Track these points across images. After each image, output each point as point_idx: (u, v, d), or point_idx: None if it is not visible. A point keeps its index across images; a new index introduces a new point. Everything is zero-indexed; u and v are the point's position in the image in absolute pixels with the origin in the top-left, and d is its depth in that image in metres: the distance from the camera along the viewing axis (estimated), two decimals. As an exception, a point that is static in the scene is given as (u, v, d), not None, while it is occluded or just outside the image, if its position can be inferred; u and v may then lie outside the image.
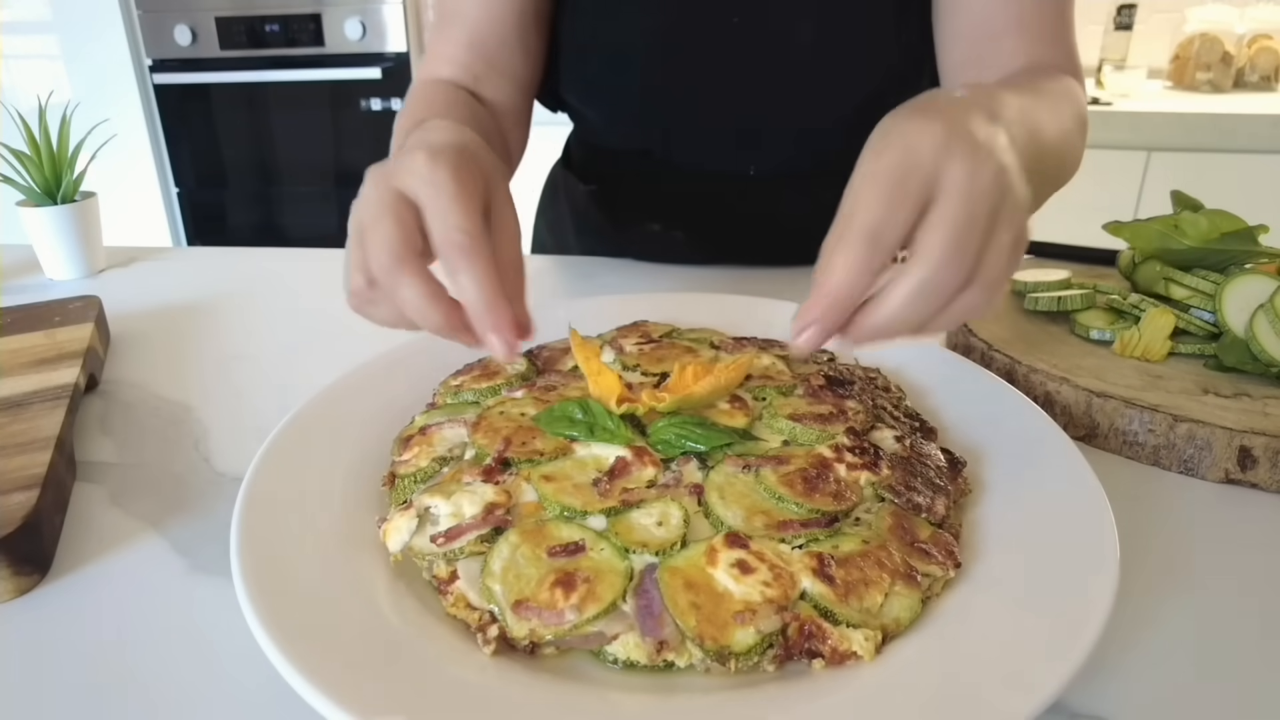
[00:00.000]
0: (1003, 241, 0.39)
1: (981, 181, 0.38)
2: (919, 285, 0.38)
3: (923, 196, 0.38)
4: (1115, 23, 2.36)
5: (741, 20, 0.80)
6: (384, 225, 0.43)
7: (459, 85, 0.80)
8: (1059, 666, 0.35)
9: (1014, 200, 0.39)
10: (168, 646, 0.43)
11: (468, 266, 0.42)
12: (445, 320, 0.44)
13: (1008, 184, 0.39)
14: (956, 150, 0.38)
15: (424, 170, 0.43)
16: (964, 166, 0.38)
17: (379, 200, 0.44)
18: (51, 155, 0.92)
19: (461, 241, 0.42)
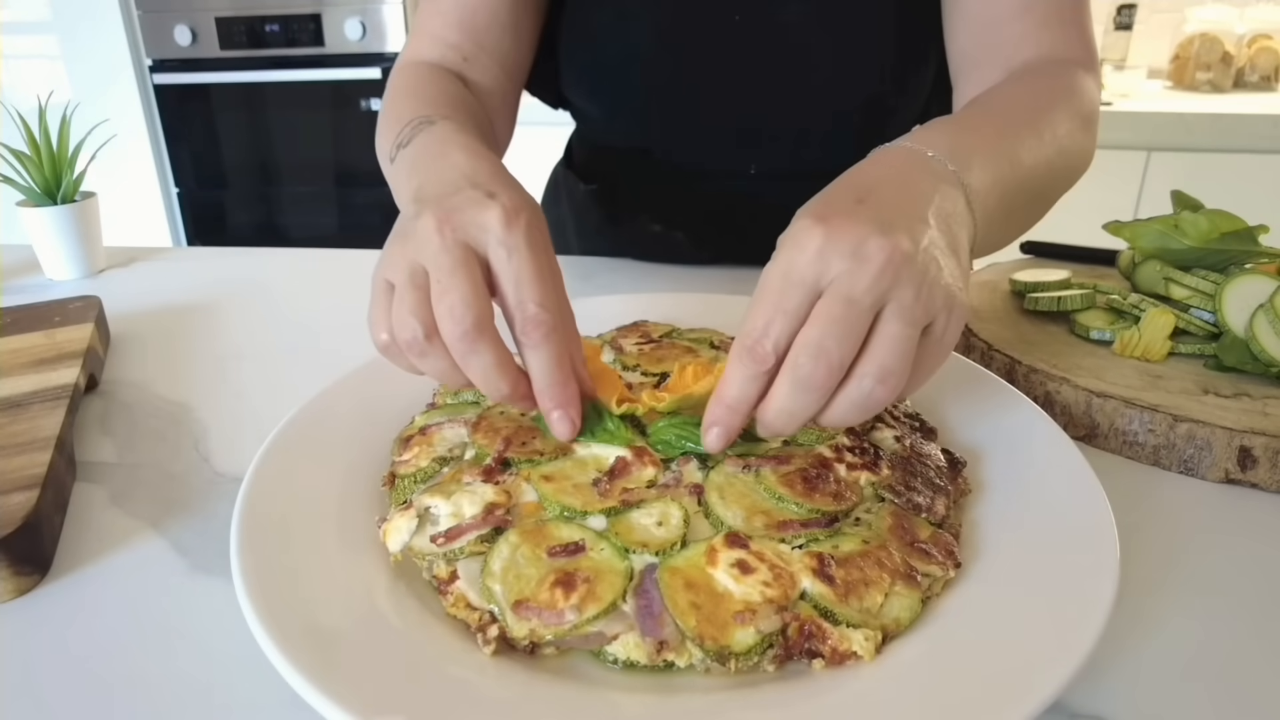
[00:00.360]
0: (890, 333, 0.40)
1: (858, 283, 0.39)
2: (789, 384, 0.41)
3: (803, 305, 0.40)
4: (1115, 23, 2.36)
5: (743, 18, 0.80)
6: (460, 284, 0.42)
7: (446, 69, 0.78)
8: (1059, 666, 0.35)
9: (914, 289, 0.40)
10: (168, 646, 0.43)
11: (546, 346, 0.43)
12: (512, 391, 0.44)
13: (898, 276, 0.39)
14: (834, 253, 0.40)
15: (501, 231, 0.43)
16: (841, 268, 0.39)
17: (448, 252, 0.43)
18: (51, 155, 0.92)
19: (544, 320, 0.43)
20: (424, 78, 0.75)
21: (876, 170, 0.47)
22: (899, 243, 0.40)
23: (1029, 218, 0.64)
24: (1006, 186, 0.52)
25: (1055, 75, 0.67)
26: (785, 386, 0.41)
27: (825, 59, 0.82)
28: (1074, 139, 0.64)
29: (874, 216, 0.41)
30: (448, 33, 0.78)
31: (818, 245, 0.40)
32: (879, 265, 0.39)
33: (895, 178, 0.46)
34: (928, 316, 0.41)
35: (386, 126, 0.66)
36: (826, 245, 0.40)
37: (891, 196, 0.43)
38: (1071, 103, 0.65)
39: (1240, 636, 0.42)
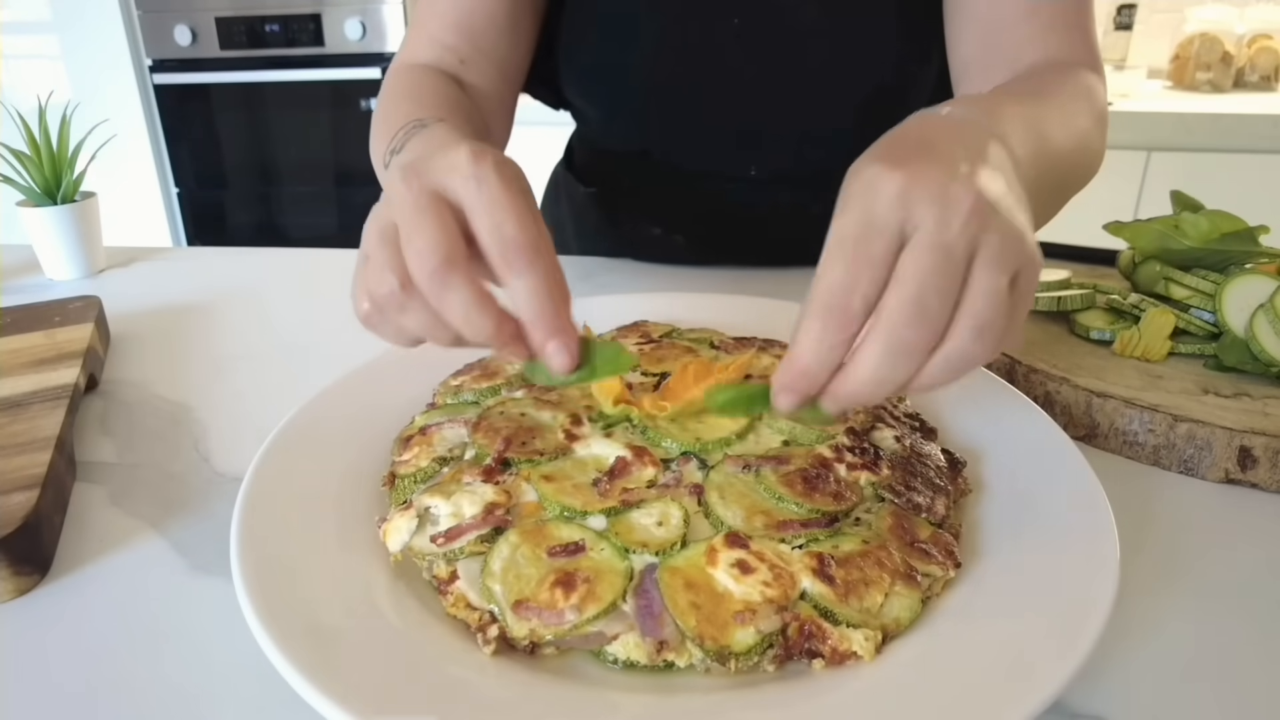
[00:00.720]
0: (985, 284, 0.36)
1: (950, 228, 0.36)
2: (883, 349, 0.37)
3: (888, 254, 0.36)
4: (1115, 23, 2.36)
5: (742, 21, 0.80)
6: (428, 225, 0.39)
7: (442, 71, 0.77)
8: (1059, 666, 0.35)
9: (1000, 236, 0.36)
10: (168, 646, 0.43)
11: (530, 268, 0.39)
12: (496, 329, 0.40)
13: (985, 222, 0.36)
14: (918, 198, 0.36)
15: (468, 167, 0.40)
16: (928, 214, 0.36)
17: (414, 200, 0.40)
18: (51, 155, 0.92)
19: (524, 242, 0.39)
20: (419, 81, 0.73)
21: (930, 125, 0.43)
22: (982, 187, 0.36)
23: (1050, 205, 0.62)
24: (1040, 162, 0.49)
25: (1066, 75, 0.66)
26: (879, 352, 0.36)
27: (826, 61, 0.82)
28: (1091, 135, 0.62)
29: (949, 162, 0.37)
30: (444, 35, 0.78)
31: (898, 188, 0.36)
32: (967, 210, 0.36)
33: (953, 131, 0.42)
34: (1016, 264, 0.37)
35: (381, 131, 0.65)
36: (909, 189, 0.36)
37: (957, 147, 0.40)
38: (1088, 99, 0.64)
39: (1240, 636, 0.42)
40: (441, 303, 0.39)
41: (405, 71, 0.76)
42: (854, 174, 0.38)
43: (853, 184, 0.38)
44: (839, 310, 0.36)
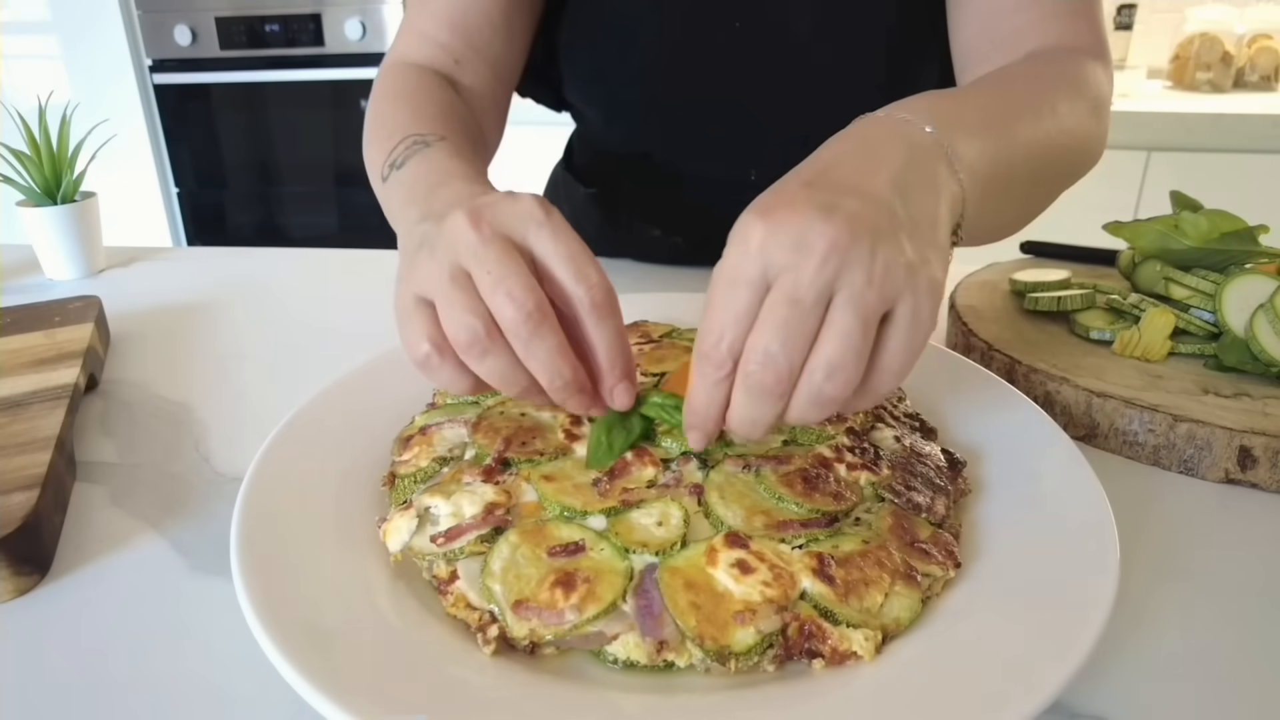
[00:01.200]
0: (837, 326, 0.37)
1: (801, 277, 0.37)
2: (743, 392, 0.39)
3: (751, 304, 0.39)
4: (1115, 23, 2.36)
5: (743, 25, 0.80)
6: (514, 271, 0.40)
7: (436, 72, 0.76)
8: (1059, 666, 0.35)
9: (864, 274, 0.37)
10: (168, 646, 0.43)
11: (614, 317, 0.43)
12: (573, 375, 0.43)
13: (844, 262, 0.37)
14: (775, 246, 0.38)
15: (542, 217, 0.42)
16: (784, 262, 0.38)
17: (487, 244, 0.41)
18: (51, 155, 0.92)
19: (610, 290, 0.43)
20: (414, 82, 0.72)
21: (841, 146, 0.45)
22: (842, 227, 0.37)
23: (1031, 198, 0.61)
24: (999, 156, 0.49)
25: (1061, 61, 0.65)
26: (741, 395, 0.40)
27: (826, 64, 0.82)
28: (1078, 121, 0.61)
29: (819, 200, 0.39)
30: (439, 33, 0.76)
31: (759, 240, 0.38)
32: (821, 255, 0.37)
33: (857, 150, 0.44)
34: (884, 302, 0.38)
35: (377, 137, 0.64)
36: (768, 239, 0.38)
37: (846, 173, 0.41)
38: (1076, 86, 0.62)
39: (1240, 636, 0.42)
40: (529, 350, 0.41)
41: (398, 70, 0.75)
42: (735, 225, 0.40)
43: (732, 232, 0.40)
44: (711, 357, 0.40)
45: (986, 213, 0.50)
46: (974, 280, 0.80)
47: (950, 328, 0.74)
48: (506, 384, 0.43)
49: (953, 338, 0.73)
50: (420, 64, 0.76)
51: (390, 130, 0.62)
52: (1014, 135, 0.53)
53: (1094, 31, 0.68)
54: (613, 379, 0.44)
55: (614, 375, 0.44)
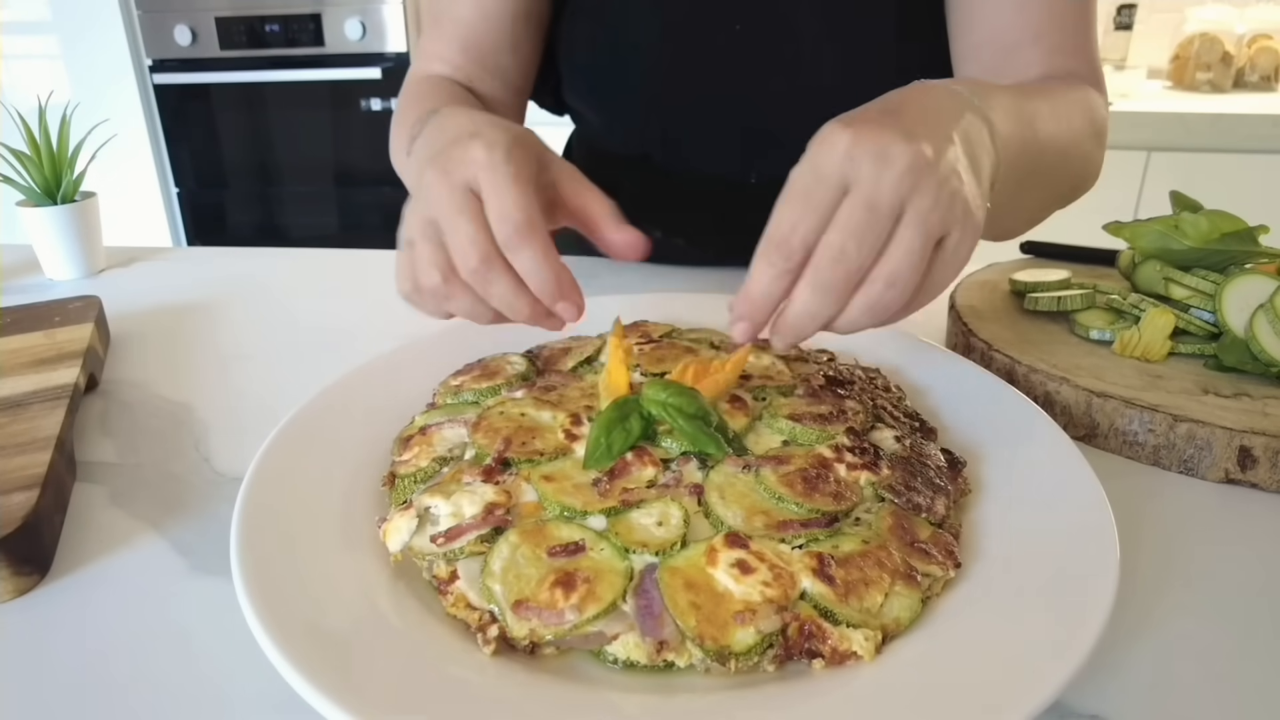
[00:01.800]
0: (905, 241, 0.41)
1: (880, 185, 0.40)
2: (809, 284, 0.42)
3: (828, 202, 0.42)
4: (1115, 23, 2.36)
5: (744, 27, 0.80)
6: (464, 224, 0.45)
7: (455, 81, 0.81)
8: (1059, 666, 0.35)
9: (931, 198, 0.41)
10: (168, 646, 0.43)
11: (527, 245, 0.45)
12: (532, 309, 0.47)
13: (918, 182, 0.41)
14: (861, 155, 0.41)
15: (482, 159, 0.46)
16: (866, 170, 0.41)
17: (449, 197, 0.46)
18: (51, 155, 0.92)
19: (515, 220, 0.45)
20: (435, 84, 0.78)
21: (909, 93, 0.49)
22: (922, 149, 0.41)
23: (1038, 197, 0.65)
24: (1024, 145, 0.53)
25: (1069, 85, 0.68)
26: (806, 288, 0.42)
27: (828, 67, 0.82)
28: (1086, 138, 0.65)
29: (902, 126, 0.42)
30: (452, 55, 0.81)
31: (845, 145, 0.41)
32: (901, 169, 0.40)
33: (925, 99, 0.47)
34: (943, 227, 0.42)
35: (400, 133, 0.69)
36: (854, 146, 0.41)
37: (920, 113, 0.45)
38: (1087, 110, 0.66)
39: (1240, 636, 0.42)
40: (487, 293, 0.47)
41: (419, 81, 0.80)
42: (818, 132, 0.43)
43: (815, 137, 0.43)
44: (781, 247, 0.42)
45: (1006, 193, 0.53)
46: (974, 280, 0.80)
47: (950, 328, 0.74)
48: (476, 318, 0.49)
49: (953, 338, 0.73)
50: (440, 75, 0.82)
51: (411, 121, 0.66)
52: (1037, 131, 0.56)
53: (1092, 64, 0.73)
54: (548, 303, 0.48)
55: (547, 299, 0.47)
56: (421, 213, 0.48)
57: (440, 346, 0.65)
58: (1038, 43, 0.71)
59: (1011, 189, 0.54)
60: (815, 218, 0.42)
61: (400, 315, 0.87)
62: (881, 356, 0.64)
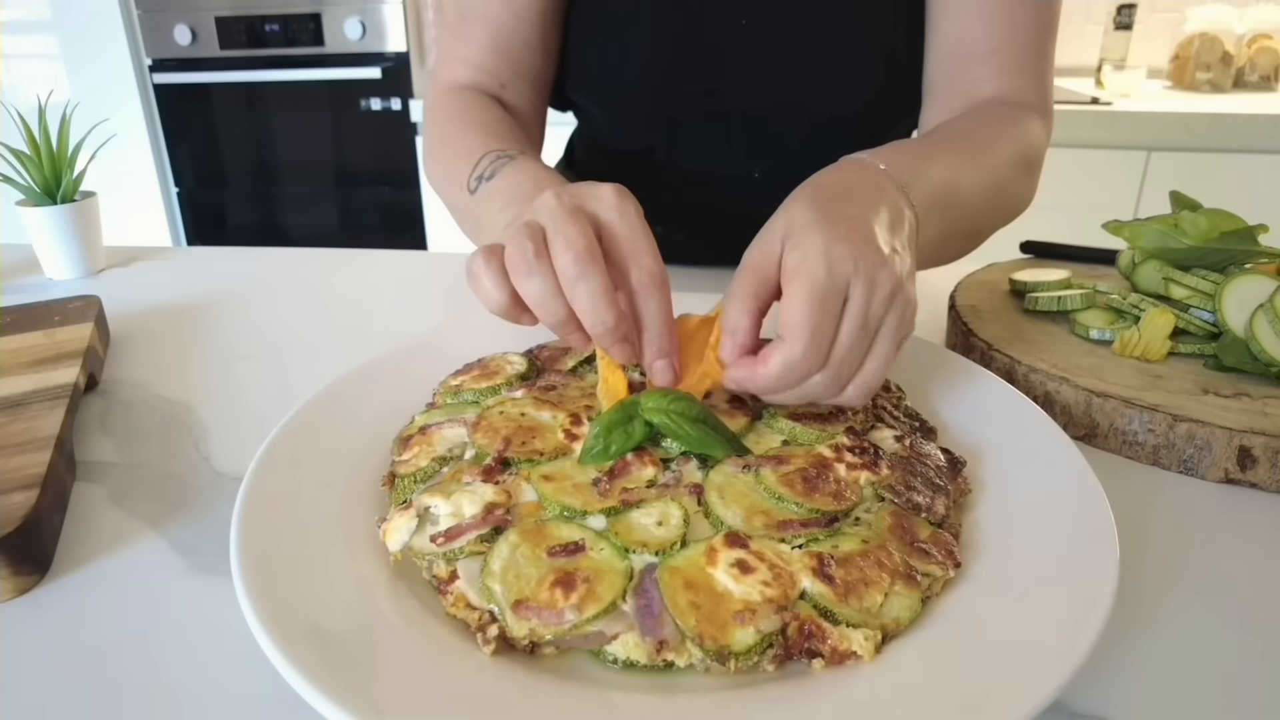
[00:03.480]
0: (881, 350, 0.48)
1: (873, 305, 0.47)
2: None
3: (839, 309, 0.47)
4: (1115, 23, 2.36)
5: (750, 23, 0.80)
6: (576, 224, 0.46)
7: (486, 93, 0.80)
8: (1059, 666, 0.35)
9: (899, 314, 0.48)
10: (168, 646, 0.43)
11: (660, 294, 0.48)
12: (615, 321, 0.47)
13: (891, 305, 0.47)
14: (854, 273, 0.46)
15: (615, 201, 0.49)
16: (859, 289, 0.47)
17: (564, 207, 0.47)
18: (51, 155, 0.92)
19: (657, 272, 0.48)
20: (474, 104, 0.77)
21: (849, 178, 0.54)
22: (897, 274, 0.47)
23: (964, 245, 0.70)
24: (947, 213, 0.59)
25: (1007, 117, 0.71)
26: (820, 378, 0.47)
27: (831, 64, 0.82)
28: (1014, 178, 0.69)
29: (872, 238, 0.48)
30: (484, 60, 0.81)
31: (850, 262, 0.46)
32: (887, 294, 0.47)
33: (870, 191, 0.53)
34: (905, 334, 0.49)
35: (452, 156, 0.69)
36: (846, 259, 0.46)
37: (874, 213, 0.50)
38: (1016, 144, 0.70)
39: (1240, 636, 0.42)
40: (574, 286, 0.46)
41: (454, 95, 0.80)
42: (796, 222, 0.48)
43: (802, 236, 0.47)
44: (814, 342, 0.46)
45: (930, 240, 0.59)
46: (974, 280, 0.80)
47: (950, 328, 0.74)
48: (544, 308, 0.47)
49: (953, 338, 0.73)
50: (469, 87, 0.81)
51: (468, 148, 0.67)
52: (960, 194, 0.62)
53: (1041, 90, 0.76)
54: (650, 354, 0.49)
55: (654, 351, 0.49)
56: (524, 221, 0.48)
57: (440, 346, 0.65)
58: (991, 58, 0.74)
59: (930, 250, 0.60)
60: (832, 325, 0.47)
61: (400, 315, 0.87)
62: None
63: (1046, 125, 0.75)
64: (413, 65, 2.68)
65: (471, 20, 0.81)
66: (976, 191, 0.64)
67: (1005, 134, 0.70)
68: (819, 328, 0.46)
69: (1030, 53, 0.74)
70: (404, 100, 2.69)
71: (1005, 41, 0.73)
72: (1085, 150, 2.01)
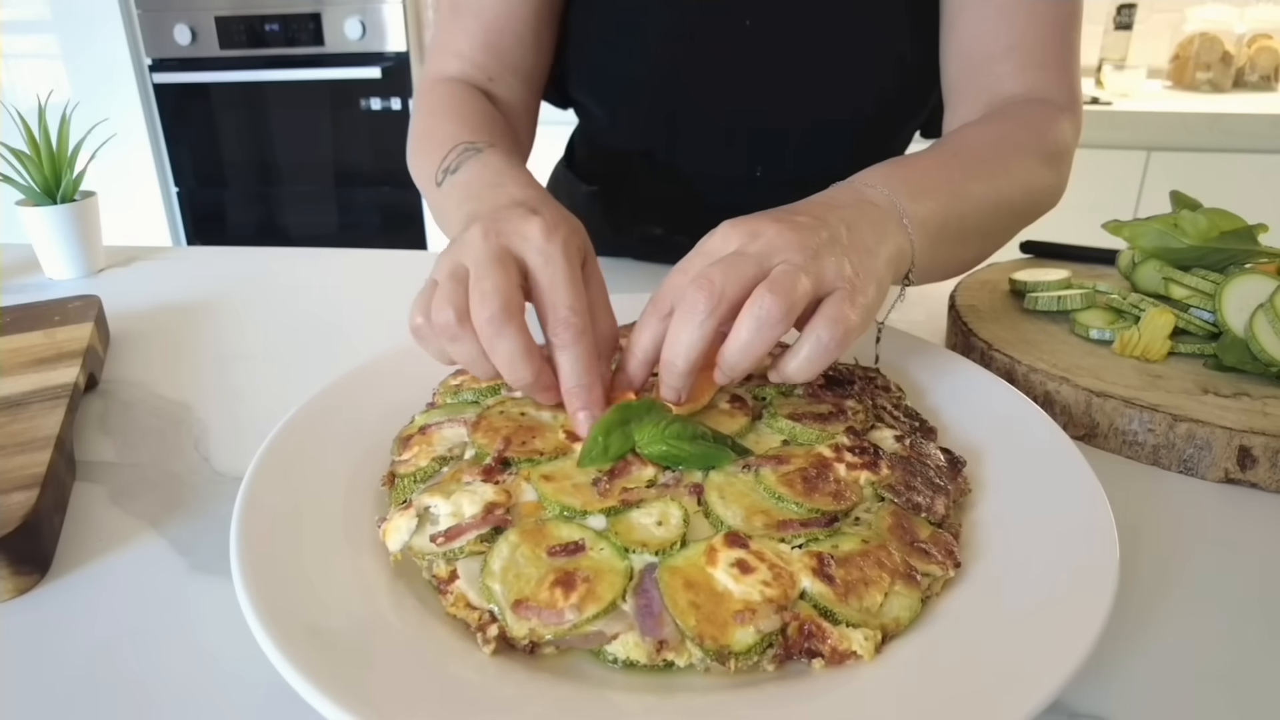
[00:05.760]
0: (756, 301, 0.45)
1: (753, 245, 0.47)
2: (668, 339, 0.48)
3: None
4: (1115, 22, 2.36)
5: (754, 23, 0.80)
6: (495, 276, 0.46)
7: (473, 85, 0.80)
8: (1059, 666, 0.35)
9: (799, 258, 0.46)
10: (168, 646, 0.43)
11: (575, 347, 0.48)
12: (535, 378, 0.48)
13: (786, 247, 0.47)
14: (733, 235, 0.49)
15: (539, 240, 0.48)
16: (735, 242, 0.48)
17: (489, 251, 0.47)
18: (51, 155, 0.92)
19: (574, 323, 0.47)
20: (457, 96, 0.77)
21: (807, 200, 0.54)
22: (792, 226, 0.47)
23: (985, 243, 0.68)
24: (949, 214, 0.58)
25: (1029, 115, 0.70)
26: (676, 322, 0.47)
27: (836, 64, 0.82)
28: (1032, 177, 0.67)
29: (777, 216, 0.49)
30: (474, 53, 0.80)
31: (724, 230, 0.49)
32: (770, 235, 0.47)
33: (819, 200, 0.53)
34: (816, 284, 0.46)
35: (428, 148, 0.68)
36: (730, 229, 0.49)
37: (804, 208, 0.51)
38: (1038, 143, 0.68)
39: (1240, 636, 0.42)
40: (492, 345, 0.46)
41: (440, 86, 0.79)
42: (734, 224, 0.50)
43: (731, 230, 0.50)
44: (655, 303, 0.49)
45: (941, 257, 0.60)
46: (974, 280, 0.80)
47: (950, 328, 0.74)
48: (475, 369, 0.49)
49: (953, 338, 0.73)
50: (457, 79, 0.80)
51: (440, 140, 0.67)
52: (967, 194, 0.61)
53: (1067, 84, 0.74)
54: (573, 406, 0.49)
55: (573, 403, 0.49)
56: (454, 257, 0.48)
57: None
58: (1014, 54, 0.72)
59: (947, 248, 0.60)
60: (686, 279, 0.47)
61: (400, 315, 0.87)
62: (881, 356, 0.64)
63: (1074, 120, 0.73)
64: (413, 65, 2.68)
65: (463, 13, 0.81)
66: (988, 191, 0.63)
67: (1024, 133, 0.68)
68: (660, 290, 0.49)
69: (1053, 47, 0.72)
70: (404, 100, 2.69)
71: (1026, 37, 0.72)
72: (1085, 150, 1.99)
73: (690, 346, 0.46)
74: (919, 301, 0.83)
